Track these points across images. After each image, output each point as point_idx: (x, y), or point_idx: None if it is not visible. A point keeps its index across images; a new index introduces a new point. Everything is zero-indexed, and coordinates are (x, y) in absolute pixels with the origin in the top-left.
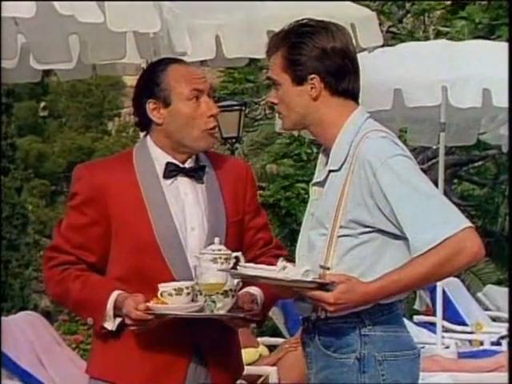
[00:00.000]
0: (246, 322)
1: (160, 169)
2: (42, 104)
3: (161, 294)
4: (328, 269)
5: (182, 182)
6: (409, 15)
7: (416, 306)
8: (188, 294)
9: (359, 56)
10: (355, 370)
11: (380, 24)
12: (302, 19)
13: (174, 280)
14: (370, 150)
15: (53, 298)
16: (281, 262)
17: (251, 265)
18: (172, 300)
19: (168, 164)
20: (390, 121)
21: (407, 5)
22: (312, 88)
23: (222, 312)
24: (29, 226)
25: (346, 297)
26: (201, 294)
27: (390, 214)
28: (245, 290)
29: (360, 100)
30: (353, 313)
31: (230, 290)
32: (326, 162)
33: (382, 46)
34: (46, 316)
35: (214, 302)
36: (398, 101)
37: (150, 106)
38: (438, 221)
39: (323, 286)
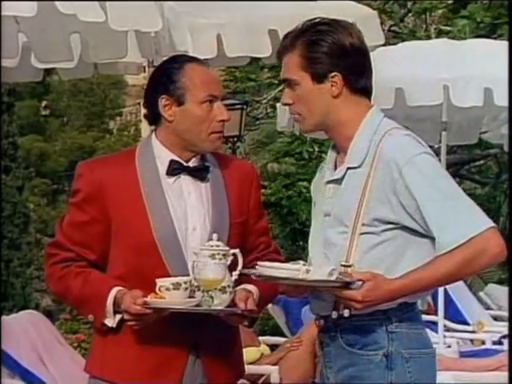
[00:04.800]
0: (242, 318)
1: (162, 167)
2: (44, 103)
3: (159, 289)
4: (350, 266)
5: (185, 180)
6: (410, 14)
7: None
8: (186, 289)
9: None
10: (382, 367)
11: (381, 23)
12: (315, 18)
13: None
14: (394, 147)
15: (54, 295)
16: (302, 265)
17: (271, 264)
18: (170, 295)
19: (172, 162)
20: (392, 120)
21: (409, 4)
22: (332, 86)
23: (219, 308)
24: (30, 225)
25: (374, 294)
26: (198, 290)
27: (414, 211)
28: (241, 286)
29: None
30: (379, 310)
31: (228, 286)
32: (336, 160)
33: (384, 45)
34: (47, 315)
35: (211, 297)
36: (400, 100)
37: (162, 101)
38: (463, 220)
39: (347, 284)
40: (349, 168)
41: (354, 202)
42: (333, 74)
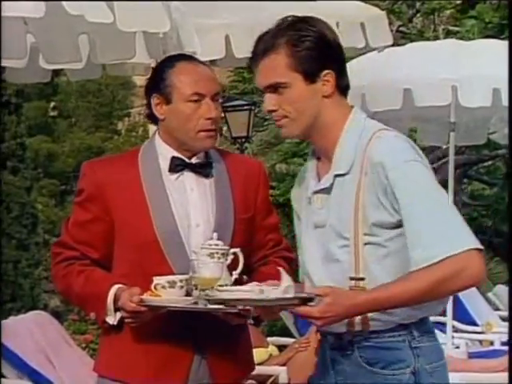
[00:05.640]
0: (240, 317)
1: (165, 164)
2: (52, 104)
3: (154, 287)
4: (362, 279)
5: (188, 177)
6: (418, 14)
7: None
8: (181, 287)
9: (369, 56)
10: None
11: (390, 23)
12: (287, 17)
13: None
14: (382, 151)
15: (59, 294)
16: (257, 285)
17: (229, 288)
18: (165, 293)
19: (173, 158)
20: (400, 120)
21: (417, 4)
22: (324, 85)
23: (214, 306)
24: (38, 226)
25: (333, 309)
26: (196, 289)
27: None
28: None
29: (370, 99)
30: (400, 325)
31: (226, 285)
32: (318, 167)
33: (392, 45)
34: (55, 315)
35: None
36: (408, 100)
37: (154, 100)
38: (444, 236)
39: (308, 301)
40: (336, 175)
41: (349, 212)
42: (325, 72)
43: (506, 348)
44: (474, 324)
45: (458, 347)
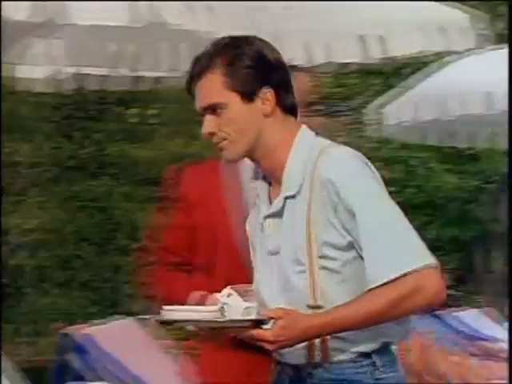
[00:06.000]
0: None
1: (247, 171)
2: (132, 110)
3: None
4: (319, 307)
5: None
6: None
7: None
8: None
9: (450, 59)
10: None
11: (472, 26)
12: (224, 37)
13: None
14: (331, 167)
15: (159, 299)
16: (222, 298)
17: (179, 307)
18: None
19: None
20: (482, 124)
21: (500, 7)
22: (264, 103)
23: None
24: (119, 232)
25: (287, 333)
26: None
27: (357, 236)
28: None
29: (451, 104)
30: (362, 355)
31: None
32: (269, 192)
33: (474, 48)
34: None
35: None
36: (490, 104)
37: None
38: (399, 253)
39: (260, 324)
40: (287, 197)
41: (301, 235)
42: (264, 89)
43: None
44: None
45: None
